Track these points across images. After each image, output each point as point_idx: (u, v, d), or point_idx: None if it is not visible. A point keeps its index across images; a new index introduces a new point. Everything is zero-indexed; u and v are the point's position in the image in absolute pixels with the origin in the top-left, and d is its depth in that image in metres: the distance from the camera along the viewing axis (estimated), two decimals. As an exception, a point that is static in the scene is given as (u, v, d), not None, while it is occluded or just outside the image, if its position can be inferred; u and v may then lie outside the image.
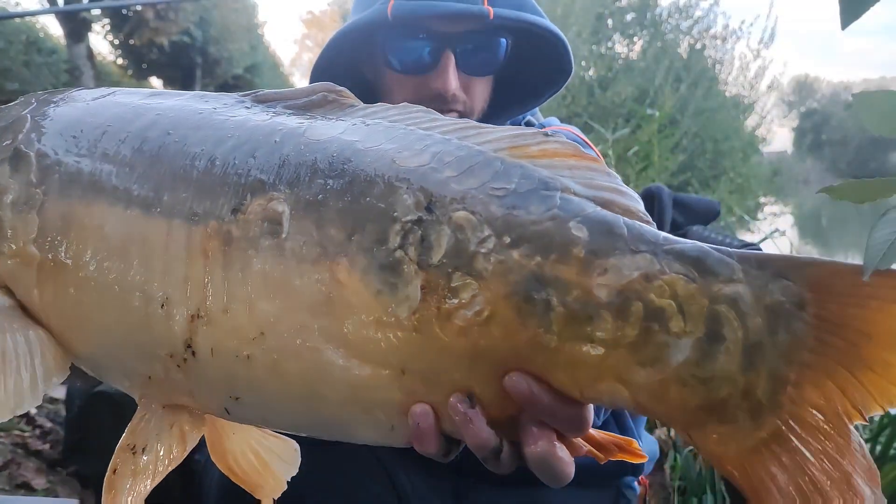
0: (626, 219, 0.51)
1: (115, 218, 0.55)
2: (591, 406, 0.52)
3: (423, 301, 0.50)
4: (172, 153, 0.55)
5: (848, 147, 41.52)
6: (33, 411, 2.39)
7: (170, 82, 20.66)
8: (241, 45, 19.09)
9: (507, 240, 0.50)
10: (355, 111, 0.60)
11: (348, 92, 0.61)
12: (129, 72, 18.68)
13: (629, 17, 8.38)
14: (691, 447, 1.97)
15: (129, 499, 0.57)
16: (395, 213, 0.51)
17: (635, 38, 8.28)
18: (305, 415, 0.55)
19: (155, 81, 20.15)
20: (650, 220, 0.53)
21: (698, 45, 8.43)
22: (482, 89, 1.06)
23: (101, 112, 0.61)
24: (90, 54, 13.02)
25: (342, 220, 0.51)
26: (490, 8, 0.98)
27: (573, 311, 0.49)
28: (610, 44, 8.02)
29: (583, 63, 7.15)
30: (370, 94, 1.11)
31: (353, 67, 1.11)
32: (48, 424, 2.35)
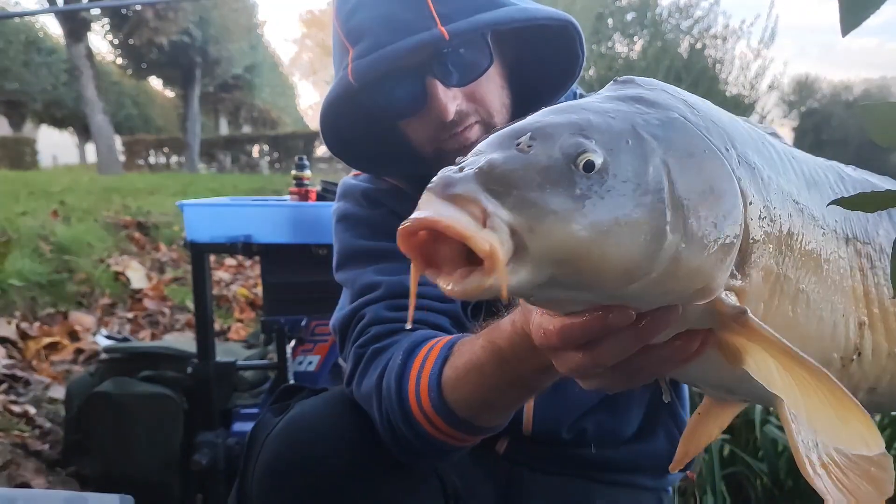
0: None
1: (814, 235, 0.62)
2: None
3: None
4: (821, 182, 0.66)
5: (849, 147, 41.51)
6: (32, 411, 2.39)
7: (169, 82, 20.66)
8: (241, 44, 19.10)
9: None
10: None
11: None
12: (129, 71, 18.69)
13: (629, 16, 8.37)
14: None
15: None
16: None
17: (636, 38, 8.27)
18: None
19: (154, 81, 20.15)
20: None
21: (699, 45, 8.41)
22: (490, 89, 1.00)
23: (734, 123, 0.63)
24: (89, 54, 13.00)
25: None
26: (443, 28, 0.91)
27: None
28: (610, 43, 8.02)
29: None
30: (395, 137, 1.05)
31: (364, 123, 1.06)
32: (47, 425, 2.34)
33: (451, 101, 0.95)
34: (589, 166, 0.48)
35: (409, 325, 0.91)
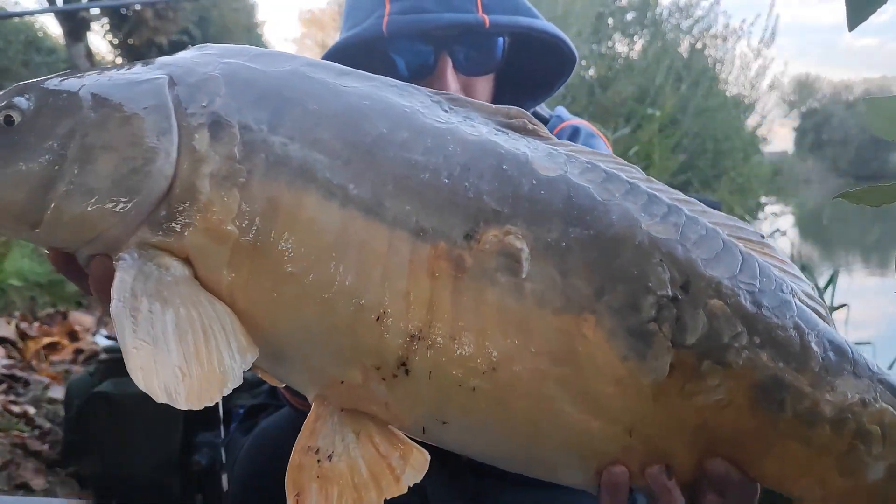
0: (851, 343, 0.57)
1: (328, 214, 0.52)
2: None
3: (669, 376, 0.53)
4: (392, 156, 0.53)
5: (849, 147, 41.51)
6: (32, 411, 2.39)
7: (170, 82, 20.62)
8: (241, 44, 19.07)
9: (757, 339, 0.54)
10: (551, 143, 0.60)
11: (540, 123, 0.61)
12: (129, 71, 18.67)
13: (629, 16, 8.35)
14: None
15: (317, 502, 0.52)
16: (650, 284, 0.53)
17: (636, 38, 8.26)
18: (516, 450, 0.57)
19: (155, 81, 20.12)
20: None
21: (699, 45, 8.41)
22: (483, 88, 1.05)
23: (299, 87, 0.56)
24: (89, 54, 12.97)
25: (589, 274, 0.53)
26: (485, 16, 0.97)
27: (801, 416, 0.55)
28: (610, 43, 8.00)
29: (583, 62, 7.13)
30: None
31: None
32: (47, 425, 2.34)
33: (454, 82, 1.00)
34: (8, 120, 0.54)
35: None
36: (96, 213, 0.53)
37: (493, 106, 0.61)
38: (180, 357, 0.48)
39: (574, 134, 1.16)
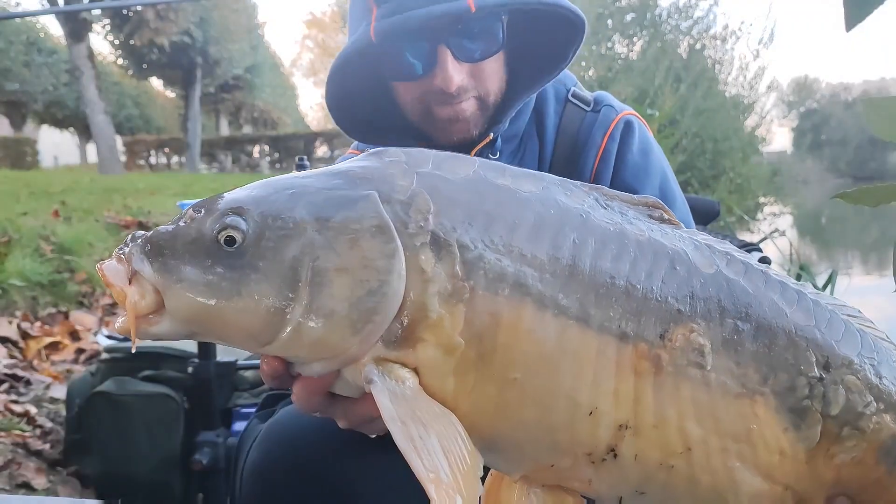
0: None
1: (544, 324, 0.58)
2: None
3: (819, 442, 0.64)
4: (590, 266, 0.60)
5: (847, 147, 41.49)
6: (33, 411, 2.39)
7: (170, 82, 20.66)
8: (242, 45, 19.09)
9: (882, 406, 0.65)
10: (687, 232, 0.68)
11: (672, 213, 0.68)
12: (130, 72, 18.68)
13: (629, 17, 8.36)
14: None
15: None
16: (802, 368, 0.64)
17: (635, 39, 8.26)
18: None
19: (155, 81, 20.15)
20: None
21: (698, 46, 8.41)
22: (493, 70, 1.04)
23: (493, 198, 0.60)
24: (90, 54, 12.99)
25: (755, 363, 0.62)
26: (470, 1, 0.95)
27: None
28: (610, 44, 8.00)
29: (583, 63, 7.15)
30: (389, 106, 1.09)
31: (366, 86, 1.10)
32: (48, 424, 2.34)
33: (457, 73, 0.99)
34: (230, 241, 0.56)
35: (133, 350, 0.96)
36: (336, 335, 0.56)
37: (634, 197, 0.67)
38: (455, 481, 0.53)
39: (627, 127, 1.14)
